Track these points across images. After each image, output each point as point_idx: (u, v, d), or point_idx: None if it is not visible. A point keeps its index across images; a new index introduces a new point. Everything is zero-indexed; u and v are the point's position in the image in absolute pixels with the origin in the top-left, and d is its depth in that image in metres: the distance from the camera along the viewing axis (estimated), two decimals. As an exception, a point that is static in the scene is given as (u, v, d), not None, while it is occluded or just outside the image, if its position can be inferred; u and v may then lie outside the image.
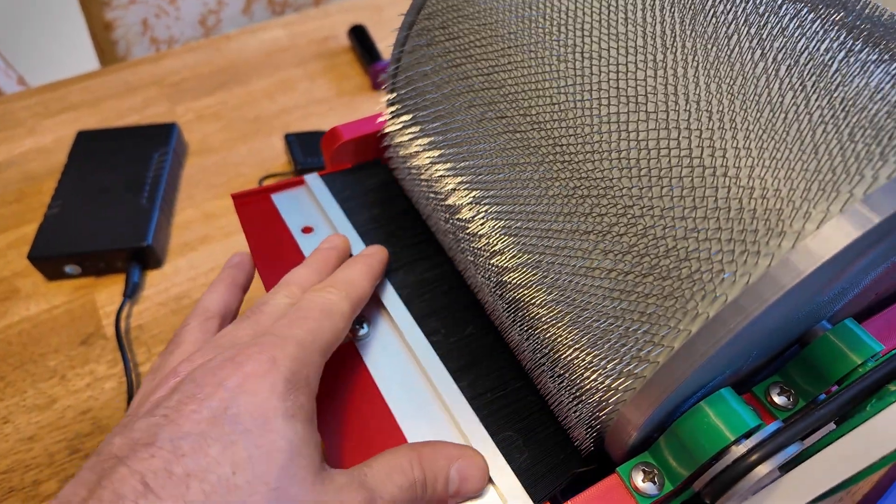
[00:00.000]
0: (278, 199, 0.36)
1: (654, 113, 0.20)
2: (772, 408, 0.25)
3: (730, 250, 0.18)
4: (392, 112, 0.33)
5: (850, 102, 0.19)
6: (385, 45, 0.69)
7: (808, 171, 0.18)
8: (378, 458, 0.23)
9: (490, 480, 0.24)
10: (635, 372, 0.20)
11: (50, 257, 0.45)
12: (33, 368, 0.42)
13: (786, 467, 0.23)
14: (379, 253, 0.30)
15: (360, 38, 0.69)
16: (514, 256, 0.25)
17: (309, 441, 0.21)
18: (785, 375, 0.26)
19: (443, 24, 0.29)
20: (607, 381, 0.21)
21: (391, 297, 0.30)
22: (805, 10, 0.21)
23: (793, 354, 0.26)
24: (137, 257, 0.46)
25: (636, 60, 0.21)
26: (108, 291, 0.46)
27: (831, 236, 0.17)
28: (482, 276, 0.28)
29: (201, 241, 0.51)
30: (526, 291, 0.25)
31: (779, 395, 0.25)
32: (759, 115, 0.19)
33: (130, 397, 0.40)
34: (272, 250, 0.33)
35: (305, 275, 0.28)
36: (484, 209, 0.26)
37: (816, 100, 0.19)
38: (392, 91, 0.33)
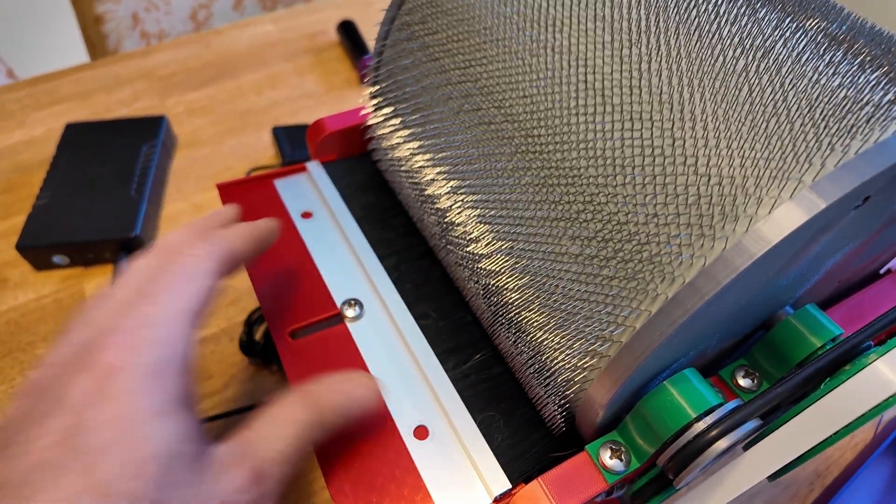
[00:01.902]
0: (280, 184, 0.37)
1: (619, 105, 0.21)
2: (737, 390, 0.26)
3: (687, 234, 0.19)
4: (375, 104, 0.34)
5: (803, 96, 0.20)
6: (374, 39, 0.70)
7: (760, 160, 0.19)
8: (260, 415, 0.22)
9: (470, 460, 0.25)
10: (600, 351, 0.21)
11: (38, 247, 0.45)
12: (22, 356, 0.42)
13: (749, 445, 0.24)
14: (267, 222, 0.27)
15: (348, 33, 0.70)
16: (488, 244, 0.26)
17: (184, 434, 0.19)
18: (750, 359, 0.27)
19: (422, 20, 0.29)
20: (574, 361, 0.22)
21: (384, 282, 0.31)
22: (763, 9, 0.22)
23: (758, 339, 0.27)
24: (125, 248, 0.47)
25: (603, 55, 0.22)
26: (97, 282, 0.47)
27: (782, 220, 0.18)
28: (460, 264, 0.29)
29: (189, 233, 0.51)
30: (500, 277, 0.25)
31: (744, 377, 0.26)
32: (716, 107, 0.20)
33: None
34: None
35: (179, 235, 0.24)
36: (461, 198, 0.27)
37: (770, 94, 0.20)
38: (374, 84, 0.34)
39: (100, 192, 0.49)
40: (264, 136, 0.60)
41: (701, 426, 0.21)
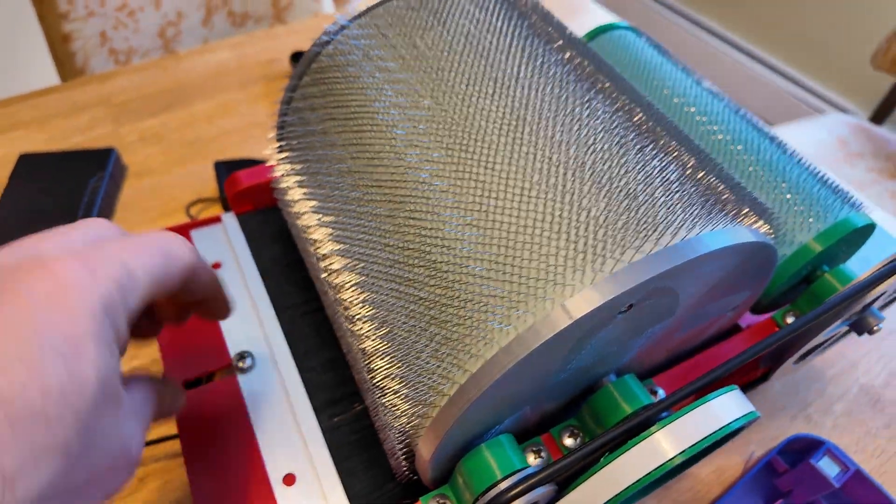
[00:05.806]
0: (196, 234, 0.40)
1: (448, 189, 0.25)
2: (563, 448, 0.29)
3: (478, 329, 0.23)
4: (278, 160, 0.37)
5: (586, 215, 0.23)
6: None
7: (541, 264, 0.23)
8: None
9: None
10: (428, 406, 0.24)
11: (-16, 278, 0.49)
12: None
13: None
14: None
15: (300, 63, 0.73)
16: (357, 305, 0.29)
17: (115, 369, 0.20)
18: (580, 419, 0.30)
19: (312, 94, 0.33)
20: (402, 421, 0.25)
21: (276, 335, 0.35)
22: (599, 120, 0.26)
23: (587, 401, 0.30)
24: (66, 279, 0.50)
25: (440, 150, 0.26)
26: (39, 310, 0.50)
27: (556, 319, 0.22)
28: (339, 320, 0.32)
29: (131, 263, 0.54)
30: (364, 338, 0.29)
31: (569, 437, 0.30)
32: (521, 203, 0.24)
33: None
34: None
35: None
36: (337, 258, 0.31)
37: (568, 210, 0.24)
38: (279, 140, 0.37)
39: (46, 224, 0.52)
40: (209, 167, 0.63)
41: (504, 485, 0.25)
